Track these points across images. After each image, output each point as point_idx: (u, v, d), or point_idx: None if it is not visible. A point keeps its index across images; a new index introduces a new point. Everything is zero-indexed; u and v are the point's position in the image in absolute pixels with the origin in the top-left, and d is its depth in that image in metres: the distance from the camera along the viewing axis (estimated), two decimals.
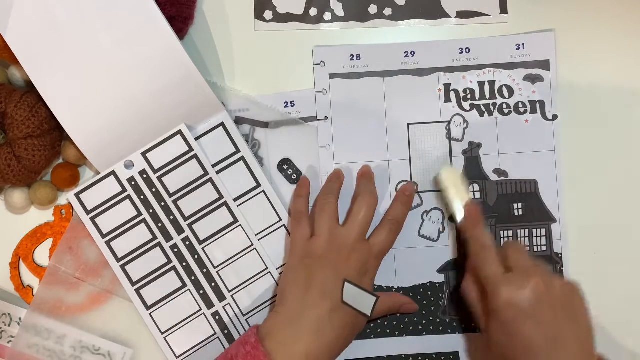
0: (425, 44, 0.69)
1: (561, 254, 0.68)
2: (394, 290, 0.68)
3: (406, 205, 0.66)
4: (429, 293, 0.67)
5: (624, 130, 0.69)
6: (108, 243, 0.66)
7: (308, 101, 0.69)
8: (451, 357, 0.67)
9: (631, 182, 0.68)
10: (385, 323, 0.68)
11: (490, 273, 0.59)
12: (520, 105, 0.68)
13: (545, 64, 0.68)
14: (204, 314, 0.66)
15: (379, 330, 0.67)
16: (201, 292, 0.66)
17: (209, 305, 0.66)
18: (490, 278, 0.59)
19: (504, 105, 0.68)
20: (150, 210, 0.66)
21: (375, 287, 0.68)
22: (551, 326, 0.56)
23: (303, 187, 0.66)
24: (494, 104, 0.68)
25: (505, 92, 0.68)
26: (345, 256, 0.62)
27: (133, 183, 0.66)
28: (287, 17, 0.69)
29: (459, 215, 0.65)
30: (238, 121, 0.68)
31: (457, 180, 0.66)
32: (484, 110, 0.68)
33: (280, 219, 0.67)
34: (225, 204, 0.66)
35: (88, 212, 0.66)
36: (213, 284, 0.66)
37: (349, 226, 0.63)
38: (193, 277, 0.66)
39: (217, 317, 0.67)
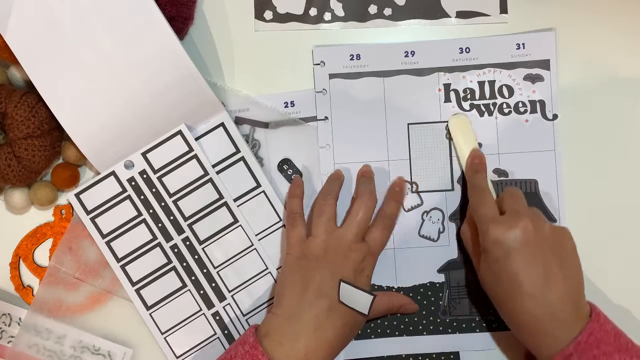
0: (425, 44, 0.69)
1: None
2: (394, 290, 0.68)
3: (397, 200, 0.66)
4: (429, 293, 0.67)
5: (624, 130, 0.69)
6: (108, 243, 0.66)
7: (308, 101, 0.69)
8: (451, 357, 0.67)
9: (631, 182, 0.68)
10: (385, 323, 0.68)
11: (484, 214, 0.60)
12: (520, 105, 0.68)
13: (545, 64, 0.68)
14: (204, 314, 0.66)
15: (379, 330, 0.67)
16: (201, 292, 0.66)
17: (209, 305, 0.66)
18: (483, 218, 0.60)
19: (504, 105, 0.68)
20: (150, 211, 0.66)
21: (375, 287, 0.68)
22: (538, 266, 0.57)
23: (297, 188, 0.66)
24: (494, 104, 0.68)
25: (505, 91, 0.68)
26: (342, 256, 0.62)
27: (133, 183, 0.66)
28: (287, 17, 0.69)
29: (464, 162, 0.66)
30: (238, 121, 0.68)
31: (465, 128, 0.67)
32: (484, 110, 0.68)
33: (280, 219, 0.67)
34: (225, 204, 0.66)
35: (88, 213, 0.66)
36: (213, 284, 0.66)
37: (346, 227, 0.63)
38: (193, 277, 0.66)
39: (217, 317, 0.67)
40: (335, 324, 0.60)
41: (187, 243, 0.66)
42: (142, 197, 0.66)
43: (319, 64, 0.69)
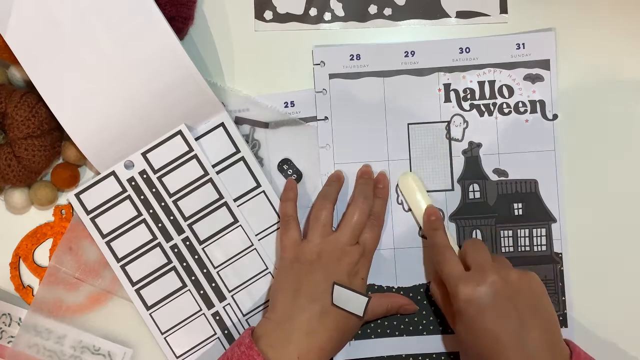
0: (425, 44, 0.69)
1: (561, 254, 0.68)
2: (394, 290, 0.68)
3: (383, 197, 0.66)
4: (429, 293, 0.67)
5: (624, 130, 0.69)
6: (108, 243, 0.66)
7: (308, 101, 0.69)
8: (451, 357, 0.67)
9: (631, 182, 0.68)
10: (386, 323, 0.67)
11: (449, 273, 0.60)
12: (520, 105, 0.68)
13: (545, 64, 0.68)
14: (204, 314, 0.66)
15: (379, 330, 0.67)
16: (201, 292, 0.66)
17: (209, 305, 0.66)
18: (450, 278, 0.60)
19: (504, 105, 0.68)
20: (150, 211, 0.66)
21: (375, 287, 0.68)
22: (513, 317, 0.57)
23: (290, 191, 0.66)
24: (494, 104, 0.68)
25: (505, 91, 0.68)
26: (336, 260, 0.62)
27: (133, 183, 0.66)
28: (287, 17, 0.69)
29: (420, 220, 0.66)
30: (238, 121, 0.68)
31: (415, 186, 0.67)
32: (483, 110, 0.68)
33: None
34: (225, 204, 0.66)
35: (88, 213, 0.66)
36: (213, 284, 0.66)
37: (340, 231, 0.63)
38: (193, 277, 0.66)
39: (217, 317, 0.67)
40: (328, 328, 0.60)
41: (187, 243, 0.66)
42: (142, 197, 0.66)
43: (319, 64, 0.69)
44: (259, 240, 0.67)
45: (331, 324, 0.60)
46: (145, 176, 0.66)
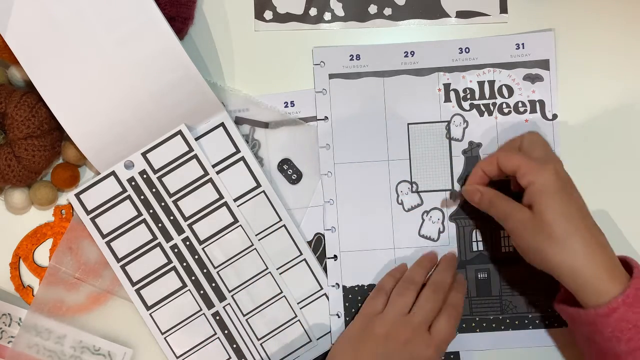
0: (425, 44, 0.69)
1: None
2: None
3: (461, 291, 0.65)
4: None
5: (624, 130, 0.69)
6: (108, 243, 0.66)
7: (308, 101, 0.69)
8: (451, 357, 0.67)
9: (631, 182, 0.68)
10: None
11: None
12: (520, 104, 0.68)
13: (545, 64, 0.68)
14: (204, 314, 0.66)
15: None
16: (201, 292, 0.66)
17: (209, 305, 0.66)
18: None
19: (504, 105, 0.68)
20: (151, 211, 0.66)
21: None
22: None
23: (397, 272, 0.66)
24: (494, 104, 0.68)
25: (505, 91, 0.68)
26: (400, 346, 0.61)
27: (133, 183, 0.66)
28: (287, 17, 0.69)
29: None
30: (238, 121, 0.68)
31: None
32: (483, 110, 0.68)
33: (281, 219, 0.67)
34: (225, 204, 0.66)
35: (88, 213, 0.66)
36: (213, 284, 0.66)
37: (413, 315, 0.62)
38: (193, 277, 0.66)
39: (217, 317, 0.67)
40: None
41: (187, 243, 0.66)
42: (142, 197, 0.66)
43: (318, 64, 0.69)
44: (259, 240, 0.67)
45: None
46: (145, 176, 0.66)
